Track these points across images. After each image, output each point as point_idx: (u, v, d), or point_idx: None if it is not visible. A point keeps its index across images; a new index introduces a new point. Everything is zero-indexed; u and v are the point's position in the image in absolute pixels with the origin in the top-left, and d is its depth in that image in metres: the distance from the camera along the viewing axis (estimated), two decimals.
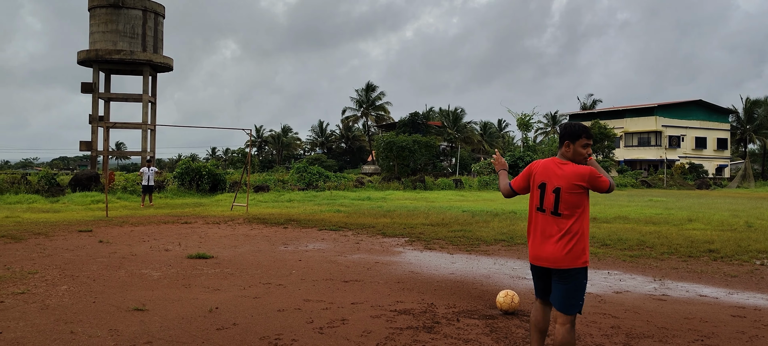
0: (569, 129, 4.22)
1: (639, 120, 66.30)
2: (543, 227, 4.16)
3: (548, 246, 4.12)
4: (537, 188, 4.21)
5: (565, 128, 4.25)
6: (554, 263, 4.10)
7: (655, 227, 14.64)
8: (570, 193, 4.07)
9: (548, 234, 4.13)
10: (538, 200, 4.19)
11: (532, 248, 4.24)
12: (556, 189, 4.11)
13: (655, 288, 7.79)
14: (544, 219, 4.16)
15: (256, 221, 15.80)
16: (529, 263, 4.49)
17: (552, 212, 4.12)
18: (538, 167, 4.28)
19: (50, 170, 32.44)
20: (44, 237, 11.83)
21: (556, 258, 4.09)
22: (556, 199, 4.10)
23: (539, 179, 4.22)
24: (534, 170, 4.28)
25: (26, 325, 5.54)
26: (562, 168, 4.15)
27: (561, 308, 4.14)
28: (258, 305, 6.46)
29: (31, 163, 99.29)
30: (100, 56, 45.56)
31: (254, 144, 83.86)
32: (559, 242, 4.09)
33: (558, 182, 4.11)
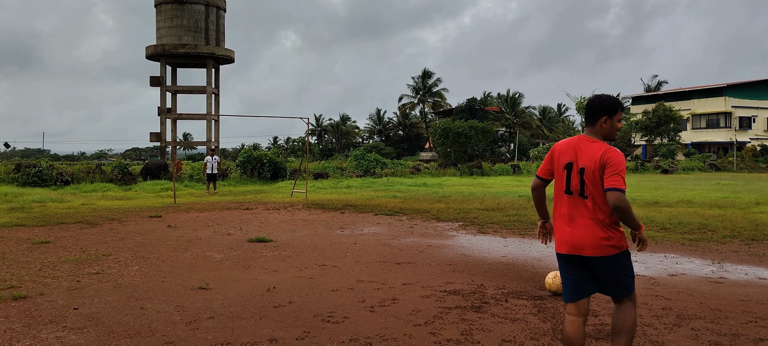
0: (606, 102, 3.83)
1: (707, 101, 63.51)
2: (574, 212, 3.79)
3: (580, 233, 3.74)
4: (563, 169, 3.85)
5: (600, 102, 3.85)
6: (591, 249, 3.72)
7: (720, 210, 14.18)
8: (596, 172, 3.71)
9: (582, 219, 3.75)
10: (565, 182, 3.84)
11: (563, 235, 3.83)
12: (581, 169, 3.76)
13: (712, 271, 7.65)
14: (573, 203, 3.80)
15: (315, 206, 16.23)
16: (558, 253, 3.91)
17: (579, 194, 3.77)
18: (560, 146, 3.93)
19: (123, 161, 34.07)
20: (117, 223, 12.57)
21: (592, 245, 3.71)
22: (581, 180, 3.76)
23: (565, 159, 3.86)
24: (556, 150, 3.93)
25: (100, 302, 6.01)
26: (592, 146, 3.78)
27: (614, 293, 3.83)
28: (313, 285, 6.75)
29: (106, 154, 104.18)
30: (167, 51, 47.29)
31: (313, 133, 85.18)
32: (599, 227, 3.71)
33: (585, 161, 3.76)
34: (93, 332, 4.98)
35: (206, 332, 5.01)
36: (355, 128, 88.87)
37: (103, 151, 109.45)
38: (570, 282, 3.89)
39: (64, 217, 13.49)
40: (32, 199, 17.89)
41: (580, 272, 3.85)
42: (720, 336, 4.97)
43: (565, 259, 3.88)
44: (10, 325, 5.16)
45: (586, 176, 3.74)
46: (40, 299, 6.05)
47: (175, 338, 4.85)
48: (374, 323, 5.30)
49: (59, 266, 7.76)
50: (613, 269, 3.78)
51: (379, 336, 4.91)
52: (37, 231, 11.16)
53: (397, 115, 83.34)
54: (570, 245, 3.80)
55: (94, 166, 28.45)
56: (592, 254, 3.74)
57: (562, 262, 3.92)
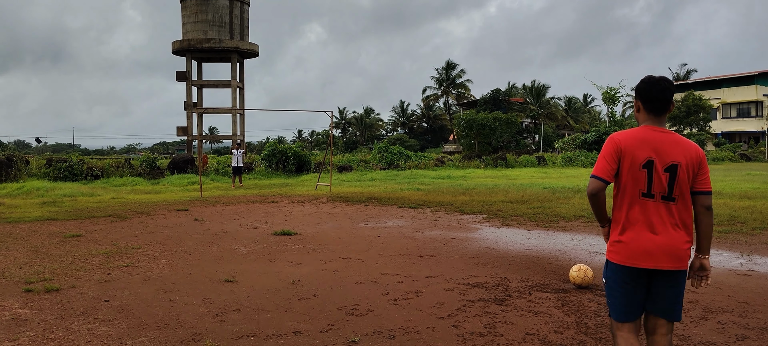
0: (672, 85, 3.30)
1: (738, 90, 62.14)
2: (657, 217, 3.20)
3: (664, 242, 3.18)
4: (641, 168, 3.19)
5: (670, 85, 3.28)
6: (673, 262, 3.18)
7: (750, 202, 13.92)
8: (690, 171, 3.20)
9: (665, 225, 3.20)
10: (645, 183, 3.19)
11: (641, 243, 3.20)
12: (672, 166, 3.18)
13: (741, 263, 7.54)
14: (655, 207, 3.20)
15: (339, 199, 16.32)
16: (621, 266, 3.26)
17: (664, 196, 3.20)
18: (627, 139, 3.25)
19: (151, 155, 34.64)
20: (146, 216, 12.81)
21: (676, 256, 3.19)
22: (670, 179, 3.18)
23: (642, 154, 3.20)
24: (623, 144, 3.23)
25: (130, 294, 6.16)
26: (674, 139, 3.22)
27: (670, 315, 3.29)
28: (337, 278, 6.82)
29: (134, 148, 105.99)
30: (192, 45, 47.83)
31: (337, 126, 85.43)
32: (680, 233, 3.21)
33: (674, 156, 3.19)
34: (124, 324, 5.11)
35: (233, 324, 5.10)
36: (378, 121, 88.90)
37: (131, 145, 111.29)
38: (627, 299, 3.29)
39: (94, 211, 13.79)
40: (63, 193, 18.31)
41: (641, 288, 3.28)
42: (748, 330, 4.91)
43: (631, 273, 3.25)
44: (44, 317, 5.32)
45: (680, 175, 3.18)
46: (72, 292, 6.21)
47: (202, 329, 4.95)
48: (398, 315, 5.34)
49: (90, 259, 7.95)
50: (680, 286, 3.26)
51: (402, 329, 4.95)
52: (68, 225, 11.43)
53: (421, 108, 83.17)
54: (647, 257, 3.18)
55: (123, 161, 28.96)
56: (671, 268, 3.18)
57: (623, 275, 3.27)
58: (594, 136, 42.22)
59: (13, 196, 18.02)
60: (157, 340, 4.71)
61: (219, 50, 48.38)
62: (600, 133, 42.15)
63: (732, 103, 62.70)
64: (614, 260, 3.28)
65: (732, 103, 62.63)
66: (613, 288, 3.33)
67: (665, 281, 3.23)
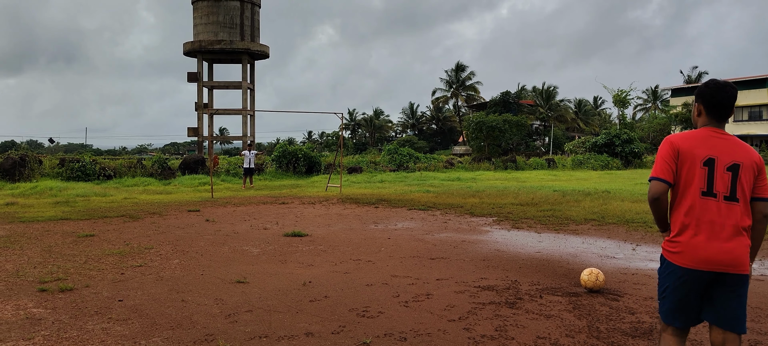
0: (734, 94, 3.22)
1: (749, 93, 61.61)
2: (720, 218, 3.09)
3: (728, 244, 3.06)
4: (702, 166, 3.13)
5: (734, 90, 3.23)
6: (736, 266, 3.07)
7: None
8: (752, 174, 3.14)
9: (727, 227, 3.09)
10: (705, 182, 3.11)
11: (702, 245, 3.09)
12: (734, 166, 3.12)
13: (753, 268, 7.48)
14: (717, 207, 3.10)
15: (349, 201, 16.36)
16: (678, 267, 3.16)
17: (726, 196, 3.10)
18: (687, 140, 3.20)
19: (162, 155, 34.83)
20: (158, 216, 12.90)
21: (740, 261, 3.07)
22: (733, 179, 3.10)
23: (702, 154, 3.14)
24: (681, 145, 3.18)
25: (143, 294, 6.21)
26: (734, 140, 3.19)
27: (737, 327, 3.15)
28: (348, 280, 6.84)
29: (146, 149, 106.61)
30: (203, 47, 48.08)
31: (347, 127, 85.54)
32: (739, 238, 3.09)
33: (736, 156, 3.13)
34: (137, 324, 5.16)
35: (245, 325, 5.14)
36: (388, 122, 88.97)
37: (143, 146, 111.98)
38: (681, 302, 3.19)
39: (107, 211, 13.90)
40: (76, 193, 18.46)
41: (697, 293, 3.16)
42: (760, 335, 4.89)
43: (691, 275, 3.12)
44: (58, 316, 5.38)
45: (742, 175, 3.11)
46: (86, 291, 6.27)
47: (214, 330, 4.99)
48: (408, 318, 5.36)
49: (103, 259, 8.03)
50: (744, 293, 3.13)
51: (413, 331, 4.97)
52: (81, 225, 11.53)
53: (431, 109, 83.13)
54: (710, 261, 3.07)
55: (135, 161, 29.16)
56: (735, 272, 3.07)
57: (683, 279, 3.15)
58: (604, 139, 42.02)
59: (26, 195, 18.20)
60: (170, 340, 4.75)
61: (230, 51, 48.60)
62: (610, 136, 41.95)
63: (743, 106, 62.20)
64: (674, 260, 3.18)
65: (743, 106, 62.13)
66: (667, 289, 3.23)
67: (728, 288, 3.10)
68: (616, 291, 6.31)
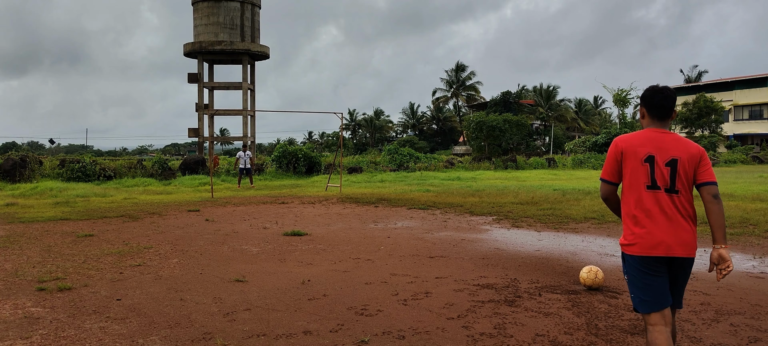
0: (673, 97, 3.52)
1: (750, 92, 61.59)
2: (665, 208, 3.36)
3: (674, 231, 3.34)
4: (642, 163, 3.40)
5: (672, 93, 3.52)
6: (685, 250, 3.33)
7: (763, 204, 13.80)
8: (690, 165, 3.39)
9: (674, 215, 3.35)
10: (648, 176, 3.38)
11: (647, 236, 3.35)
12: (672, 161, 3.38)
13: (753, 266, 7.48)
14: (661, 199, 3.37)
15: (349, 200, 16.35)
16: (637, 257, 3.39)
17: (668, 189, 3.37)
18: (629, 140, 3.49)
19: (163, 156, 34.85)
20: (158, 216, 12.89)
21: (688, 245, 3.34)
22: (672, 172, 3.37)
23: (643, 151, 3.41)
24: (624, 146, 3.47)
25: (142, 293, 6.20)
26: (674, 137, 3.46)
27: (678, 303, 3.51)
28: (347, 279, 6.84)
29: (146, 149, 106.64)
30: (203, 48, 48.06)
31: (347, 127, 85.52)
32: (688, 224, 3.37)
33: (674, 152, 3.39)
34: (135, 323, 5.15)
35: (243, 323, 5.13)
36: (388, 122, 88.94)
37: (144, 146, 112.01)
38: (653, 289, 3.36)
39: (107, 211, 13.90)
40: (76, 193, 18.46)
41: (663, 277, 3.38)
42: (760, 332, 4.88)
43: (649, 262, 3.36)
44: (56, 315, 5.37)
45: (680, 168, 3.36)
46: (85, 291, 6.27)
47: (213, 329, 4.98)
48: (407, 316, 5.35)
49: (102, 259, 8.02)
50: (688, 272, 3.45)
51: (412, 329, 4.96)
52: (81, 225, 11.52)
53: (431, 109, 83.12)
54: (666, 246, 3.31)
55: (135, 162, 29.16)
56: (683, 255, 3.33)
57: (644, 267, 3.37)
58: (604, 139, 42.02)
59: (26, 196, 18.19)
60: (168, 339, 4.74)
61: (230, 52, 48.56)
62: (610, 136, 41.94)
63: (744, 105, 62.18)
64: (632, 252, 3.40)
65: (744, 105, 62.12)
66: (635, 280, 3.43)
67: (684, 271, 3.42)
68: (615, 289, 6.30)
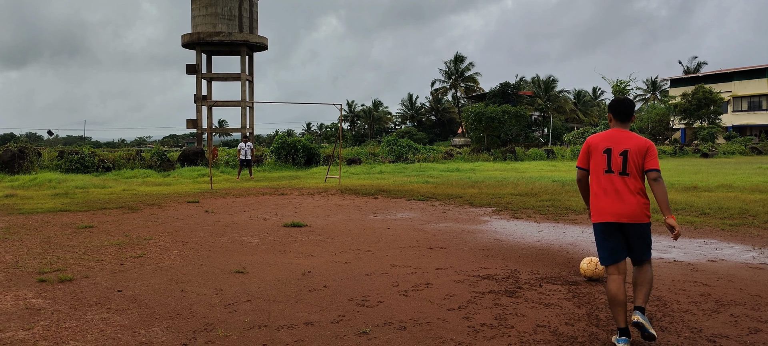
0: (628, 104, 4.66)
1: (749, 83, 61.53)
2: (616, 187, 4.39)
3: (619, 202, 4.37)
4: (602, 153, 4.47)
5: (632, 103, 4.70)
6: (633, 218, 4.35)
7: (762, 195, 13.82)
8: (638, 155, 4.40)
9: (623, 192, 4.37)
10: (606, 163, 4.44)
11: (605, 206, 4.41)
12: (625, 151, 4.40)
13: (753, 257, 7.50)
14: (615, 180, 4.40)
15: (348, 192, 16.35)
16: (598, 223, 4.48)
17: (621, 172, 4.40)
18: (596, 138, 4.59)
19: (161, 147, 34.78)
20: (157, 208, 12.88)
21: (634, 213, 4.35)
22: (624, 160, 4.39)
23: (603, 145, 4.49)
24: (592, 142, 4.60)
25: (143, 284, 6.21)
26: (629, 134, 4.49)
27: (644, 256, 4.50)
28: (347, 270, 6.84)
29: (145, 141, 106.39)
30: (202, 39, 47.91)
31: (346, 119, 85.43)
32: (636, 198, 4.36)
33: (626, 145, 4.42)
34: (136, 314, 5.16)
35: (244, 314, 5.14)
36: (387, 114, 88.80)
37: (142, 138, 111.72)
38: (609, 247, 4.45)
39: (106, 202, 13.89)
40: (75, 185, 18.44)
41: (618, 238, 4.44)
42: (760, 323, 4.89)
43: (606, 227, 4.43)
44: (57, 307, 5.38)
45: (630, 157, 4.39)
46: (85, 282, 6.27)
47: (214, 319, 4.99)
48: (408, 307, 5.35)
49: (103, 250, 8.02)
50: (644, 234, 4.43)
51: (413, 320, 4.97)
52: (80, 216, 11.52)
53: (430, 101, 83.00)
54: (614, 214, 4.37)
55: (134, 153, 29.11)
56: (631, 221, 4.36)
57: (602, 230, 4.45)
58: (604, 129, 42.05)
59: (25, 187, 18.17)
60: (169, 329, 4.75)
61: (228, 43, 48.43)
62: (608, 127, 41.94)
63: (743, 97, 62.15)
64: (595, 220, 4.51)
65: (743, 96, 62.08)
66: (598, 241, 4.52)
67: (635, 236, 4.41)
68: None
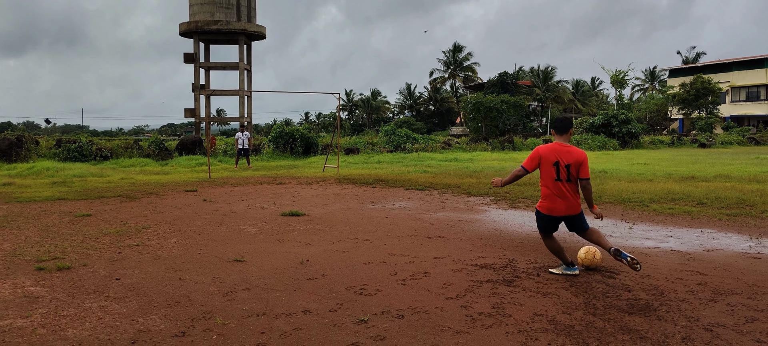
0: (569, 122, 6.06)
1: (747, 73, 61.48)
2: (563, 191, 5.88)
3: (567, 203, 5.90)
4: (552, 166, 5.88)
5: (570, 120, 6.09)
6: (573, 210, 5.94)
7: (759, 185, 13.85)
8: (576, 168, 5.88)
9: (567, 195, 5.89)
10: (555, 173, 5.87)
11: (555, 206, 5.92)
12: (568, 164, 5.86)
13: (750, 246, 7.52)
14: (563, 186, 5.87)
15: (346, 181, 16.35)
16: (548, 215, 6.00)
17: (567, 180, 5.88)
18: (546, 150, 5.93)
19: (159, 136, 34.71)
20: (155, 196, 12.88)
21: (575, 207, 5.95)
22: (568, 171, 5.86)
23: (553, 158, 5.89)
24: (542, 153, 5.93)
25: (141, 272, 6.21)
26: (570, 148, 5.92)
27: (584, 228, 6.05)
28: (345, 258, 6.85)
29: (142, 130, 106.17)
30: (199, 27, 47.71)
31: (344, 108, 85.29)
32: (575, 197, 5.94)
33: (569, 159, 5.87)
34: (135, 302, 5.16)
35: (242, 302, 5.15)
36: (385, 103, 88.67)
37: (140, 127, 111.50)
38: (551, 228, 6.10)
39: (104, 191, 13.87)
40: (73, 173, 18.41)
41: (556, 224, 6.08)
42: (757, 312, 4.91)
43: (553, 219, 6.01)
44: (56, 295, 5.38)
45: (572, 170, 5.89)
46: (84, 270, 6.27)
47: (212, 308, 5.00)
48: (406, 295, 5.37)
49: (101, 239, 8.02)
50: (579, 218, 6.03)
51: (411, 309, 4.98)
52: (78, 205, 11.51)
53: (428, 90, 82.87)
54: (563, 211, 5.93)
55: (132, 142, 29.04)
56: (572, 213, 5.98)
57: (550, 220, 6.02)
58: (601, 120, 41.95)
59: (23, 176, 18.14)
60: (168, 317, 4.76)
61: (226, 32, 48.24)
62: (608, 117, 41.87)
63: (741, 87, 62.12)
64: (545, 212, 6.01)
65: (741, 86, 62.06)
66: (542, 225, 6.11)
67: (572, 220, 6.03)
68: (613, 269, 6.33)
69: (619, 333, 4.42)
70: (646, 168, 19.81)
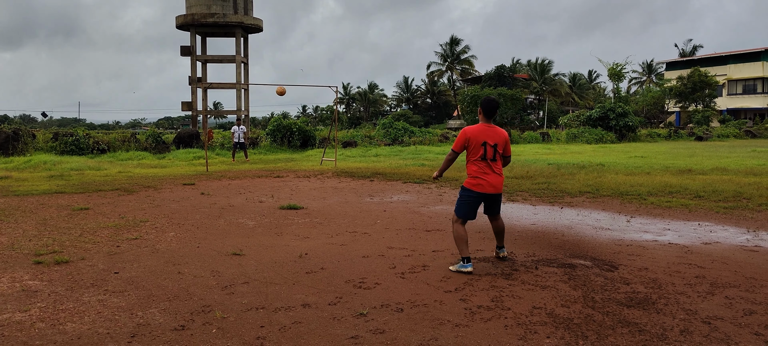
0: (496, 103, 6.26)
1: (744, 66, 61.53)
2: (492, 169, 6.08)
3: (494, 179, 6.08)
4: (480, 146, 6.06)
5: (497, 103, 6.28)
6: (498, 189, 6.14)
7: (756, 178, 13.88)
8: (502, 146, 6.18)
9: (495, 173, 6.11)
10: (483, 152, 6.06)
11: (485, 183, 6.06)
12: (495, 144, 6.11)
13: (747, 239, 7.54)
14: (490, 164, 6.08)
15: (344, 174, 16.34)
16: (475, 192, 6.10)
17: (492, 159, 6.10)
18: (473, 132, 6.09)
19: (156, 129, 34.62)
20: (153, 190, 12.85)
21: (500, 185, 6.18)
22: (494, 150, 6.11)
23: (480, 139, 6.07)
24: (470, 135, 6.09)
25: (139, 266, 6.21)
26: (496, 129, 6.18)
27: (498, 212, 6.34)
28: (344, 252, 6.85)
29: (139, 123, 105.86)
30: (196, 20, 47.53)
31: (341, 101, 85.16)
32: (500, 176, 6.17)
33: (495, 139, 6.12)
34: (133, 295, 5.16)
35: (241, 296, 5.15)
36: (383, 96, 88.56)
37: (136, 120, 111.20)
38: (472, 209, 6.14)
39: (101, 184, 13.84)
40: (70, 167, 18.36)
41: (479, 204, 6.16)
42: (755, 305, 4.93)
43: (480, 196, 6.10)
44: (54, 288, 5.37)
45: (498, 149, 6.14)
46: (82, 264, 6.26)
47: (211, 301, 5.00)
48: (405, 289, 5.37)
49: (99, 232, 8.01)
50: (500, 199, 6.32)
51: (410, 302, 4.99)
52: (76, 198, 11.48)
53: (425, 83, 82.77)
54: (492, 187, 6.08)
55: (129, 135, 28.98)
56: (496, 192, 6.17)
57: (474, 197, 6.10)
58: (599, 113, 41.97)
59: (20, 169, 18.09)
60: (167, 311, 4.75)
61: (223, 25, 48.06)
62: (605, 110, 41.89)
63: (738, 80, 62.18)
64: (473, 189, 6.08)
65: (738, 79, 62.10)
66: (465, 202, 6.12)
67: (494, 199, 6.21)
68: (611, 262, 6.35)
69: (618, 326, 4.43)
70: (644, 161, 19.84)
